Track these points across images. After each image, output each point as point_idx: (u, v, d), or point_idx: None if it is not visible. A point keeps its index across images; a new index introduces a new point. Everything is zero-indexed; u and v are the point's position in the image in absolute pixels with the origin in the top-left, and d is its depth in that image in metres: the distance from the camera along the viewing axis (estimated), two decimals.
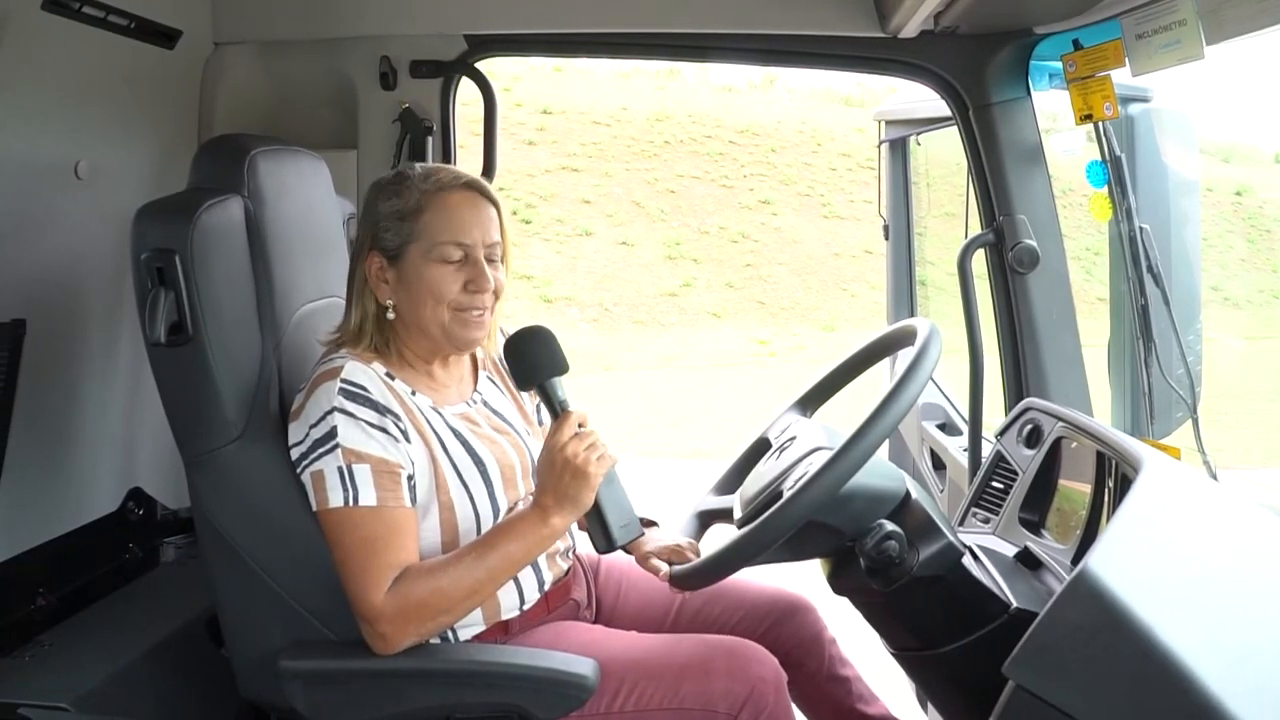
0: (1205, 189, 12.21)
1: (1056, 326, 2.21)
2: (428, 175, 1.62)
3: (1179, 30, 1.76)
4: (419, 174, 1.62)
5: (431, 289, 1.59)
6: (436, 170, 1.63)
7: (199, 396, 1.59)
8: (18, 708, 1.70)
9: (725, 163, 14.40)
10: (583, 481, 1.49)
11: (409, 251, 1.59)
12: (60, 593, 2.01)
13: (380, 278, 1.61)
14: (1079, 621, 1.14)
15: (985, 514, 1.87)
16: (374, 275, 1.61)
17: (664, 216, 13.59)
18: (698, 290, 12.76)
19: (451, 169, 1.65)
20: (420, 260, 1.59)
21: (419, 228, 1.59)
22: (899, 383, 1.44)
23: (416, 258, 1.59)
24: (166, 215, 1.59)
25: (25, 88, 1.81)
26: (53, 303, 1.97)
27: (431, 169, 1.64)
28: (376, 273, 1.61)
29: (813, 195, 14.20)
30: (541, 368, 1.55)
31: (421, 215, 1.59)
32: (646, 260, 13.03)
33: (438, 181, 1.61)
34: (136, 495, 2.24)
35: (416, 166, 1.64)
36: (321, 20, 2.32)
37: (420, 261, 1.59)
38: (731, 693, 1.52)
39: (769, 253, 13.39)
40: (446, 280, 1.59)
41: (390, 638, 1.50)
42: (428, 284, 1.59)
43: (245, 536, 1.60)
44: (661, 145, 14.47)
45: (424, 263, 1.59)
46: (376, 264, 1.61)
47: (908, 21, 2.06)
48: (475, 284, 1.60)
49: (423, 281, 1.59)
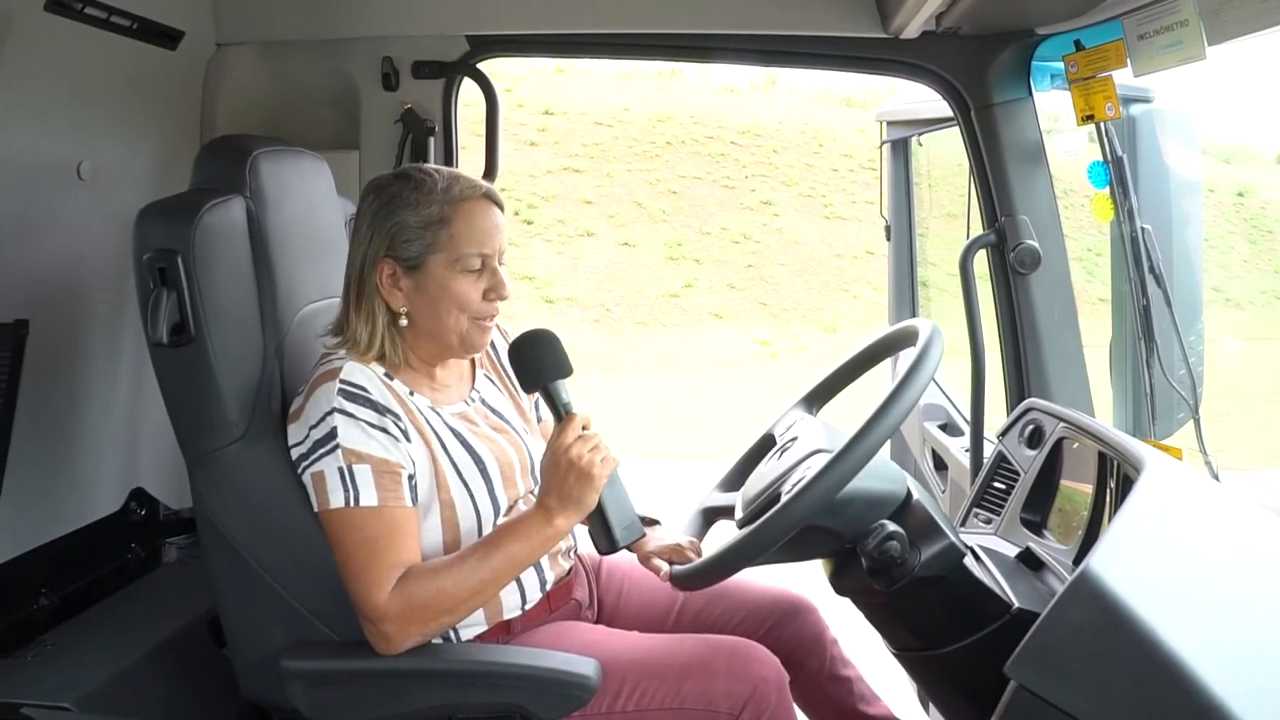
0: (1207, 190, 12.19)
1: (1058, 327, 2.21)
2: (449, 185, 1.60)
3: (1181, 31, 1.76)
4: (440, 182, 1.60)
5: (456, 299, 1.59)
6: (456, 178, 1.62)
7: (201, 397, 1.60)
8: (20, 707, 1.71)
9: (727, 163, 14.40)
10: (587, 483, 1.49)
11: (430, 261, 1.59)
12: (62, 593, 2.01)
13: (394, 285, 1.60)
14: (1081, 622, 1.14)
15: (987, 514, 1.87)
16: (386, 282, 1.60)
17: (666, 217, 13.59)
18: (699, 291, 12.76)
19: (466, 177, 1.64)
20: (444, 270, 1.58)
21: (443, 238, 1.58)
22: (899, 385, 1.44)
23: (439, 268, 1.58)
24: (169, 216, 1.60)
25: (28, 88, 1.81)
26: (55, 303, 1.97)
27: (450, 176, 1.62)
28: (389, 280, 1.60)
29: (814, 196, 14.20)
30: (546, 371, 1.55)
31: (447, 226, 1.58)
32: (648, 261, 13.03)
33: (461, 191, 1.60)
34: (139, 495, 2.24)
35: (430, 170, 1.63)
36: (324, 21, 2.32)
37: (444, 272, 1.58)
38: (733, 693, 1.53)
39: (771, 253, 13.39)
40: (469, 290, 1.59)
41: (394, 638, 1.50)
42: (452, 294, 1.59)
43: (247, 537, 1.60)
44: (663, 146, 14.47)
45: (448, 273, 1.58)
46: (389, 271, 1.59)
47: (909, 22, 2.06)
48: (495, 292, 1.61)
49: (446, 292, 1.59)
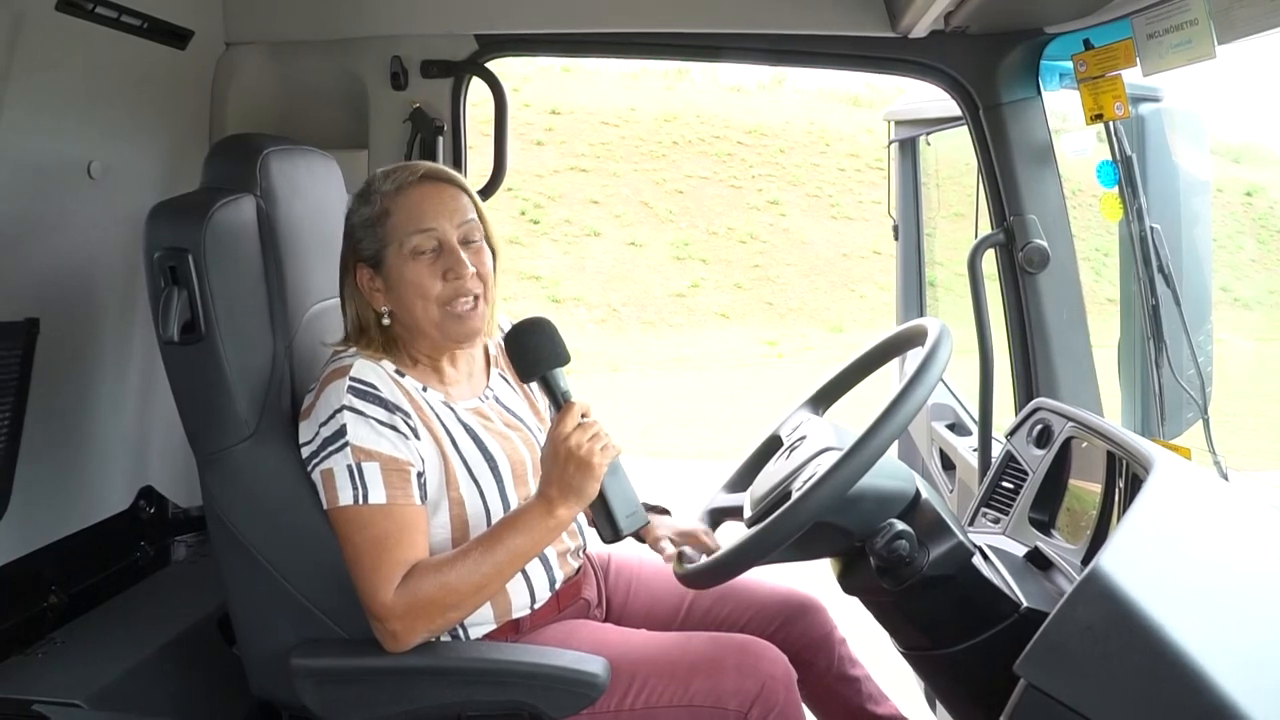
0: (1215, 189, 12.17)
1: (1067, 326, 2.20)
2: (388, 176, 1.63)
3: (1190, 30, 1.75)
4: (380, 177, 1.63)
5: (414, 287, 1.59)
6: (396, 169, 1.64)
7: (212, 395, 1.60)
8: (32, 704, 1.71)
9: (733, 163, 14.39)
10: (587, 472, 1.49)
11: (387, 255, 1.60)
12: (72, 590, 2.02)
13: (372, 287, 1.62)
14: (1091, 621, 1.14)
15: (995, 514, 1.87)
16: (365, 286, 1.62)
17: (672, 217, 13.59)
18: (706, 291, 12.76)
19: (411, 164, 1.65)
20: (398, 261, 1.59)
21: (389, 230, 1.60)
22: (909, 384, 1.44)
23: (395, 259, 1.60)
24: (180, 214, 1.60)
25: (39, 88, 1.82)
26: (66, 302, 1.98)
27: (392, 169, 1.64)
28: (367, 283, 1.62)
29: (821, 196, 14.19)
30: (543, 359, 1.54)
31: (389, 217, 1.60)
32: (655, 261, 13.03)
33: (396, 180, 1.62)
34: (148, 494, 2.25)
35: (376, 174, 1.65)
36: (333, 20, 2.32)
37: (398, 262, 1.59)
38: (742, 690, 1.53)
39: (777, 253, 13.38)
40: (425, 274, 1.59)
41: (401, 635, 1.51)
42: (410, 283, 1.59)
43: (257, 534, 1.61)
44: (670, 146, 14.47)
45: (402, 262, 1.59)
46: (365, 274, 1.62)
47: (918, 21, 2.05)
48: (454, 270, 1.59)
49: (405, 281, 1.59)
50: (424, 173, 1.63)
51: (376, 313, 1.62)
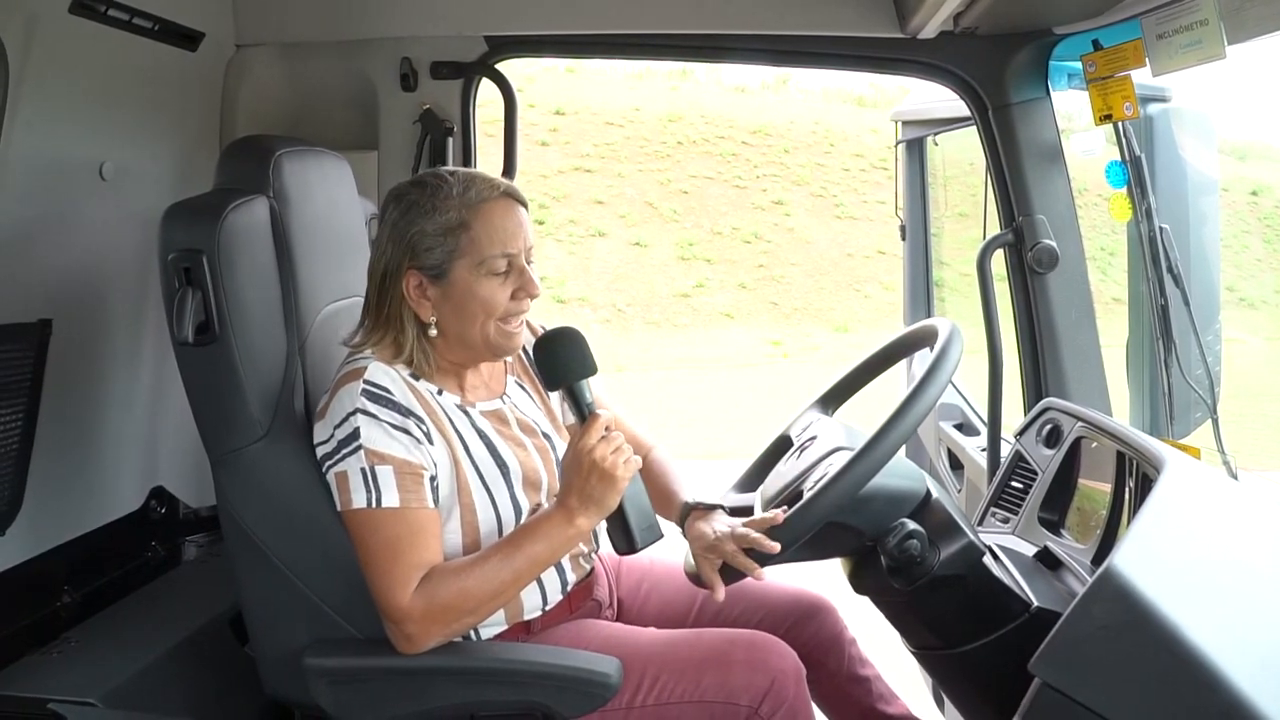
0: (1221, 189, 12.15)
1: (1076, 326, 2.21)
2: (466, 187, 1.58)
3: (1200, 30, 1.75)
4: (455, 186, 1.58)
5: (484, 304, 1.57)
6: (472, 180, 1.60)
7: (225, 395, 1.61)
8: (47, 702, 1.72)
9: (738, 163, 14.38)
10: (609, 484, 1.48)
11: (455, 268, 1.57)
12: (84, 590, 2.02)
13: (421, 295, 1.58)
14: (1106, 620, 1.14)
15: (1005, 514, 1.88)
16: (413, 293, 1.58)
17: (677, 217, 13.58)
18: (711, 291, 12.74)
19: (484, 176, 1.62)
20: (469, 275, 1.56)
21: (465, 243, 1.56)
22: (920, 384, 1.45)
23: (465, 273, 1.56)
24: (194, 216, 1.61)
25: (52, 90, 1.83)
26: (78, 303, 1.98)
27: (466, 179, 1.59)
28: (416, 291, 1.58)
29: (826, 196, 14.18)
30: (571, 369, 1.53)
31: (467, 230, 1.56)
32: (659, 261, 13.02)
33: (479, 193, 1.58)
34: (159, 494, 2.25)
35: (445, 175, 1.60)
36: (342, 22, 2.33)
37: (469, 277, 1.56)
38: (752, 685, 1.53)
39: (782, 253, 13.36)
40: (496, 292, 1.57)
41: (416, 638, 1.51)
42: (480, 299, 1.57)
43: (270, 534, 1.61)
44: (674, 146, 14.46)
45: (474, 277, 1.56)
46: (415, 282, 1.58)
47: (927, 22, 2.06)
48: (524, 290, 1.59)
49: (474, 297, 1.57)
50: (504, 189, 1.60)
51: (421, 322, 1.59)
